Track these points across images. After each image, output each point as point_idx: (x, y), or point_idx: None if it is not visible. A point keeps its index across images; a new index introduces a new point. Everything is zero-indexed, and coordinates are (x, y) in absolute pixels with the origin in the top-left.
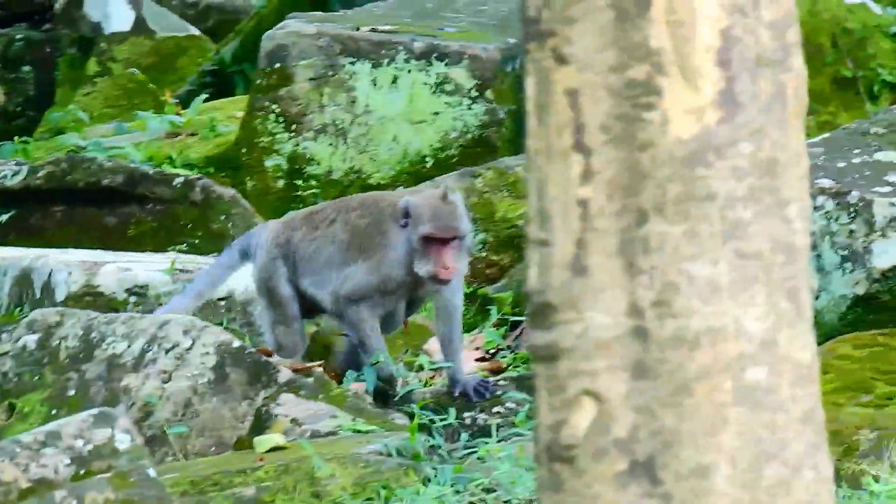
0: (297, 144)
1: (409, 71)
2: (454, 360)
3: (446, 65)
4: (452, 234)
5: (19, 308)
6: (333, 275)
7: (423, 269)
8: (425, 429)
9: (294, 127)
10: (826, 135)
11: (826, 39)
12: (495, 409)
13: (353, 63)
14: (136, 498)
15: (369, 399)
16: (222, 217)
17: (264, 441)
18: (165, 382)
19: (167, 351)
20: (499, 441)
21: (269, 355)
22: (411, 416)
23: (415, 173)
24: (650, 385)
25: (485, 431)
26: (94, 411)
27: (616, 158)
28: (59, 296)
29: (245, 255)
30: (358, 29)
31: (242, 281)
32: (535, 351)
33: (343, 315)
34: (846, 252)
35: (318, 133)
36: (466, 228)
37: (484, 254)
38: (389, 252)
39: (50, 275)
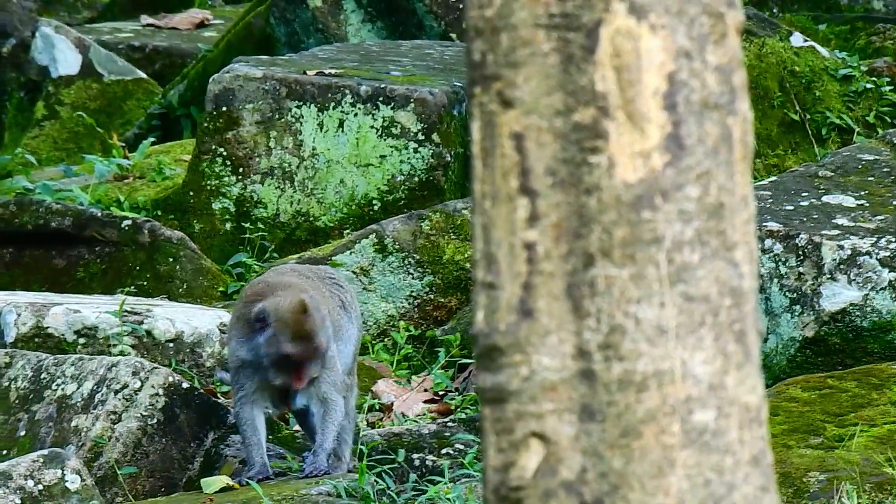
0: (245, 187)
1: (356, 114)
2: (323, 438)
3: (392, 108)
4: (313, 355)
5: None
6: None
7: (278, 379)
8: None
9: (241, 170)
10: (774, 178)
11: (774, 83)
12: (444, 451)
13: (299, 106)
14: None
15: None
16: (170, 259)
17: (213, 482)
18: (115, 423)
19: (116, 392)
20: (448, 482)
21: (217, 396)
22: (360, 457)
23: (362, 216)
24: (598, 427)
25: (434, 472)
26: (45, 452)
27: (562, 202)
28: (9, 337)
29: None
30: (304, 73)
31: (191, 322)
32: (483, 393)
33: None
34: (795, 295)
35: (265, 176)
36: (326, 341)
37: (431, 296)
38: (233, 332)
39: None
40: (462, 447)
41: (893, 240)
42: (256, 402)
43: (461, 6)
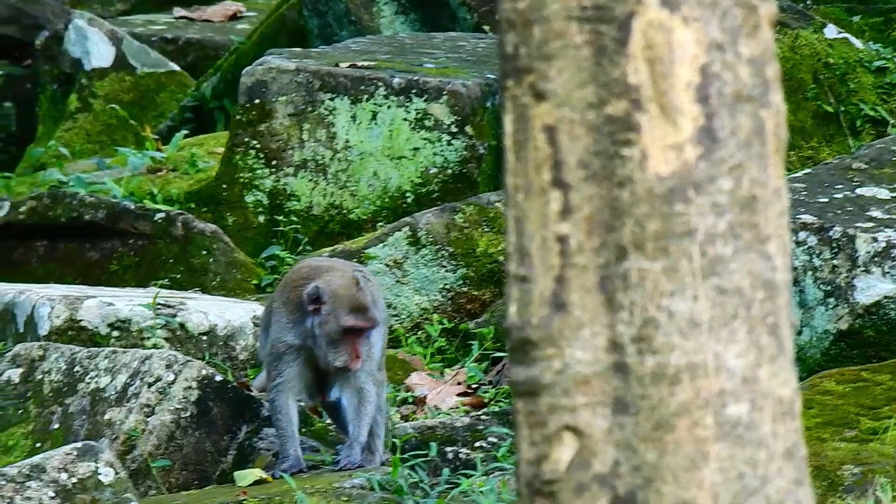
0: (278, 180)
1: (389, 107)
2: (357, 431)
3: (426, 100)
4: (373, 324)
5: (2, 343)
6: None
7: (337, 359)
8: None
9: (274, 162)
10: (808, 170)
11: (807, 75)
12: (477, 444)
13: (332, 99)
14: None
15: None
16: (203, 252)
17: (246, 475)
18: (148, 416)
19: (150, 385)
20: (481, 475)
21: (250, 390)
22: (394, 450)
23: (395, 209)
24: (631, 420)
25: (467, 466)
26: (78, 445)
27: (595, 195)
28: (42, 330)
29: None
30: (337, 65)
31: (224, 315)
32: (516, 386)
33: None
34: (829, 287)
35: (298, 168)
36: (382, 316)
37: (465, 289)
38: (278, 317)
39: (33, 309)
40: (495, 440)
41: None
42: (292, 391)
43: None
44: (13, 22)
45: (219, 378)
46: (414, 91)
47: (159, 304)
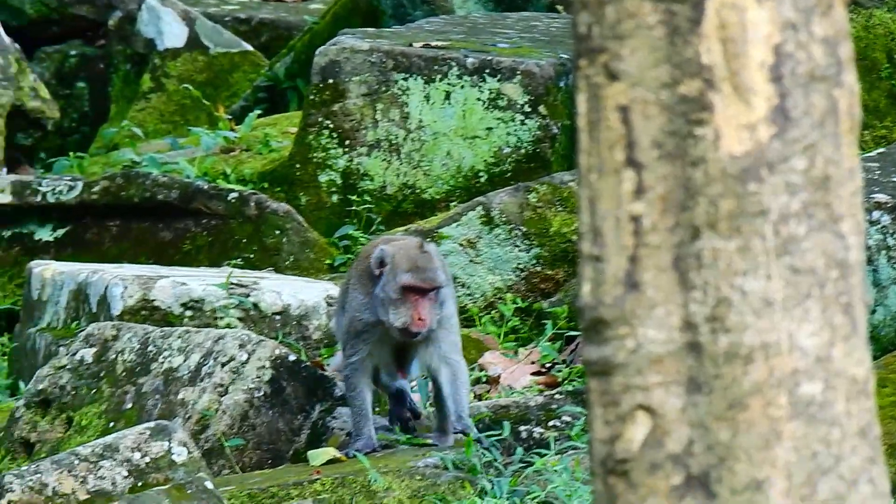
0: (351, 160)
1: (462, 86)
2: (458, 405)
3: (499, 80)
4: (431, 284)
5: (76, 322)
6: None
7: (397, 320)
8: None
9: (347, 142)
10: (882, 149)
11: (881, 54)
12: (551, 423)
13: (405, 79)
14: None
15: (425, 412)
16: (277, 232)
17: (319, 454)
18: (222, 396)
19: (223, 365)
20: (555, 454)
21: (323, 369)
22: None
23: (468, 188)
24: (704, 400)
25: (540, 445)
26: (152, 424)
27: (668, 174)
28: (115, 310)
29: None
30: (411, 45)
31: (298, 295)
32: (589, 365)
33: None
34: None
35: (371, 148)
36: (444, 280)
37: (538, 268)
38: (354, 294)
39: (106, 289)
40: (569, 419)
41: None
42: (368, 371)
43: None
44: (86, 2)
45: (292, 357)
46: (487, 71)
47: (233, 283)
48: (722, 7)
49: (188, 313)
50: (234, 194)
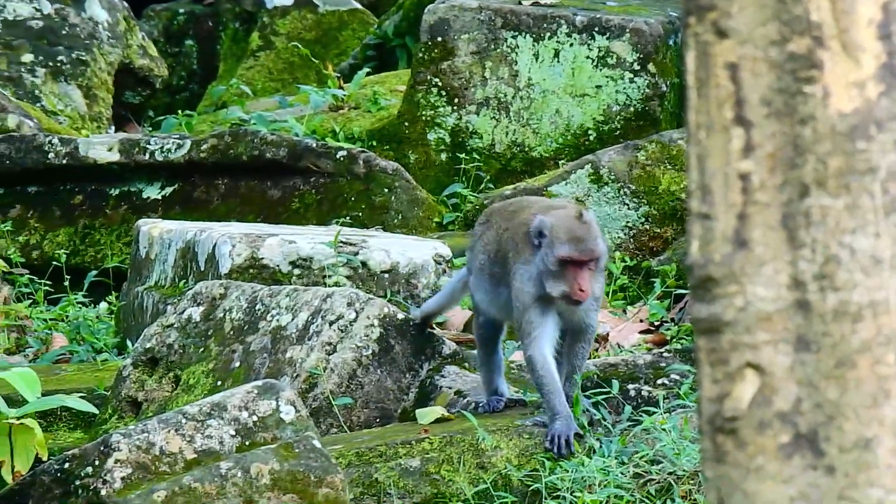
0: (460, 118)
1: (571, 45)
2: (570, 387)
3: (608, 38)
4: (590, 255)
5: (184, 281)
6: (493, 288)
7: (556, 289)
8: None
9: (456, 100)
10: None
11: None
12: (660, 381)
13: (514, 37)
14: (301, 469)
15: None
16: (385, 190)
17: (427, 413)
18: (330, 354)
19: (331, 323)
20: (664, 413)
21: (432, 328)
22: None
23: (577, 146)
24: (813, 358)
25: (649, 403)
26: (259, 383)
27: (777, 132)
28: (224, 268)
29: None
30: (520, 3)
31: (406, 253)
32: (698, 324)
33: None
34: None
35: (480, 107)
36: (603, 249)
37: (647, 226)
38: (517, 267)
39: (214, 247)
40: (677, 378)
41: None
42: (550, 343)
43: None
44: None
45: (401, 316)
46: (596, 29)
47: (341, 241)
48: None
49: (296, 271)
50: (343, 152)
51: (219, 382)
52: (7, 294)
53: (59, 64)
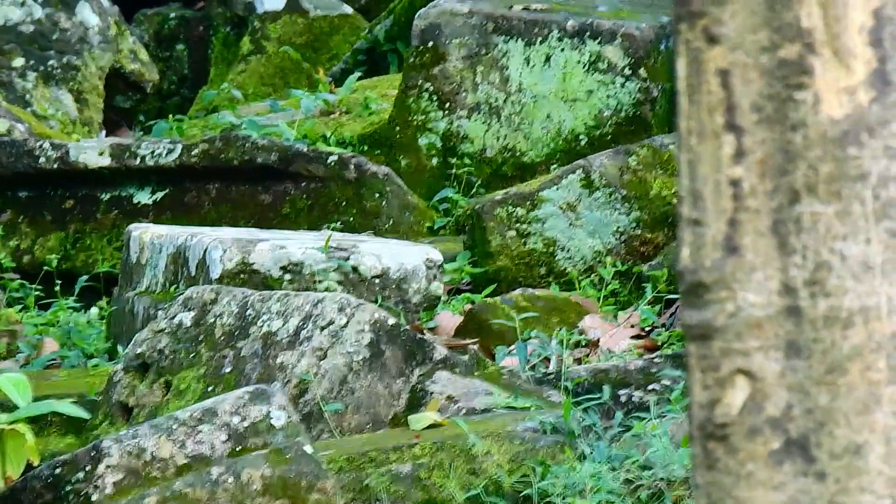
0: (451, 122)
1: (563, 49)
2: None
3: (599, 43)
4: None
5: (174, 286)
6: None
7: None
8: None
9: (447, 105)
10: None
11: None
12: (651, 387)
13: (506, 41)
14: (292, 474)
15: (524, 376)
16: (376, 195)
17: (419, 418)
18: (321, 360)
19: (322, 328)
20: (655, 418)
21: (423, 333)
22: (566, 393)
23: (569, 151)
24: (803, 364)
25: (640, 408)
26: (250, 388)
27: (768, 138)
28: (214, 273)
29: None
30: (511, 7)
31: (398, 258)
32: (688, 329)
33: None
34: None
35: (471, 111)
36: None
37: (638, 231)
38: None
39: (204, 252)
40: (669, 383)
41: None
42: None
43: None
44: None
45: (392, 321)
46: (588, 34)
47: (332, 246)
48: None
49: (287, 277)
50: (334, 157)
51: (210, 388)
52: None
53: (49, 68)
